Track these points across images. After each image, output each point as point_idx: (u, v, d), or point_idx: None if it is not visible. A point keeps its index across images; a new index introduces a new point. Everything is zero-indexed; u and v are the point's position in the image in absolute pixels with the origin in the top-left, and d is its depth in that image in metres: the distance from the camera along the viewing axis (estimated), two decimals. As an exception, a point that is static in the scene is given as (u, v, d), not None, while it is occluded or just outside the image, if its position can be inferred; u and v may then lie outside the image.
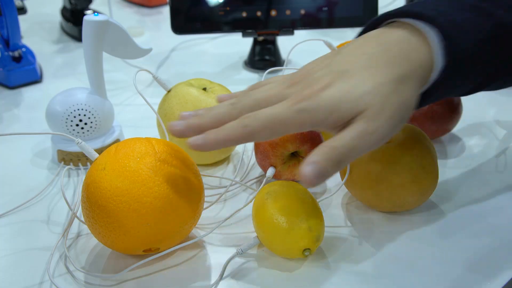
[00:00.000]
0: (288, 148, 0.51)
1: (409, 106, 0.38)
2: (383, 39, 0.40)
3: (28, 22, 1.06)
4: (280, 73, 0.83)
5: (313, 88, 0.38)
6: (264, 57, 0.84)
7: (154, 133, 0.63)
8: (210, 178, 0.57)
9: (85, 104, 0.56)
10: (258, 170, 0.58)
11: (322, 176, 0.35)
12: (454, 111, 0.59)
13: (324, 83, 0.38)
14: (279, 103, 0.38)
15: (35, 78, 0.80)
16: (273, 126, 0.37)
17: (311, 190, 0.54)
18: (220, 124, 0.39)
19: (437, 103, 0.59)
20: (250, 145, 0.61)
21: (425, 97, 0.41)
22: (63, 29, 1.03)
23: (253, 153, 0.55)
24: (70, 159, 0.58)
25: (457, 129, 0.65)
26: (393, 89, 0.37)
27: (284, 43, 0.87)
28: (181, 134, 0.40)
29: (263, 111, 0.38)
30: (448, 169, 0.57)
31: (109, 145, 0.59)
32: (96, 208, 0.41)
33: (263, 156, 0.52)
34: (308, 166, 0.35)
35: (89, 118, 0.57)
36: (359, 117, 0.36)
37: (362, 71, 0.38)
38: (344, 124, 0.37)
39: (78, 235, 0.48)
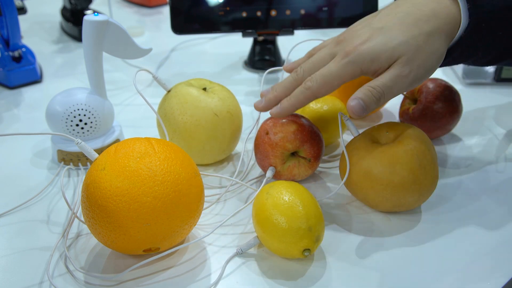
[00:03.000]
0: (288, 148, 0.51)
1: (439, 56, 0.46)
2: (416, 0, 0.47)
3: (28, 22, 1.06)
4: (280, 73, 0.83)
5: (355, 43, 0.46)
6: (264, 57, 0.83)
7: (154, 133, 0.63)
8: (210, 178, 0.57)
9: (85, 104, 0.56)
10: (258, 170, 0.58)
11: (364, 109, 0.44)
12: (454, 111, 0.59)
13: (364, 37, 0.46)
14: (330, 62, 0.47)
15: (35, 78, 0.81)
16: (329, 81, 0.46)
17: (311, 190, 0.54)
18: (290, 91, 0.49)
19: (437, 103, 0.59)
20: (250, 145, 0.61)
21: (448, 55, 0.48)
22: (63, 29, 1.03)
23: (253, 153, 0.55)
24: (70, 159, 0.58)
25: (457, 129, 0.65)
26: (424, 40, 0.45)
27: (284, 43, 0.87)
28: (265, 109, 0.51)
29: (319, 72, 0.47)
30: (448, 169, 0.57)
31: (109, 145, 0.59)
32: (96, 208, 0.41)
33: (263, 156, 0.52)
34: (353, 100, 0.44)
35: (89, 118, 0.57)
36: (395, 63, 0.44)
37: (397, 27, 0.46)
38: (383, 70, 0.45)
39: (78, 235, 0.48)
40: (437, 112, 0.59)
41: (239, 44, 0.93)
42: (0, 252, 0.47)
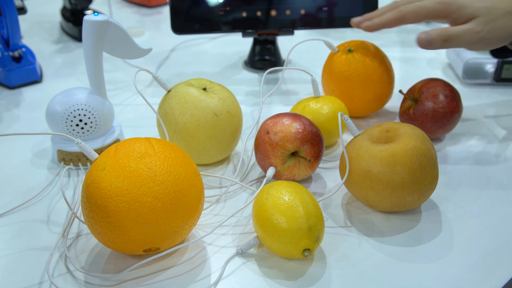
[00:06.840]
0: (288, 148, 0.51)
1: (508, 33, 0.53)
2: None
3: (28, 22, 1.06)
4: (280, 73, 0.83)
5: None
6: (264, 57, 0.84)
7: (154, 133, 0.63)
8: (210, 178, 0.57)
9: (85, 104, 0.56)
10: (258, 170, 0.58)
11: (430, 43, 0.53)
12: (454, 111, 0.59)
13: None
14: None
15: (35, 78, 0.81)
16: (418, 10, 0.56)
17: (311, 190, 0.54)
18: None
19: (437, 103, 0.59)
20: (250, 145, 0.61)
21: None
22: (63, 29, 1.03)
23: (253, 153, 0.55)
24: (70, 159, 0.58)
25: (457, 129, 0.65)
26: (502, 14, 0.53)
27: (284, 43, 0.87)
28: (359, 23, 0.61)
29: (414, 3, 0.57)
30: (448, 169, 0.57)
31: (109, 145, 0.59)
32: (96, 208, 0.41)
33: (263, 156, 0.52)
34: (423, 34, 0.53)
35: (89, 118, 0.57)
36: (473, 20, 0.53)
37: None
38: (462, 22, 0.54)
39: (78, 235, 0.48)
40: (437, 112, 0.59)
41: (239, 44, 0.93)
42: (0, 252, 0.47)
